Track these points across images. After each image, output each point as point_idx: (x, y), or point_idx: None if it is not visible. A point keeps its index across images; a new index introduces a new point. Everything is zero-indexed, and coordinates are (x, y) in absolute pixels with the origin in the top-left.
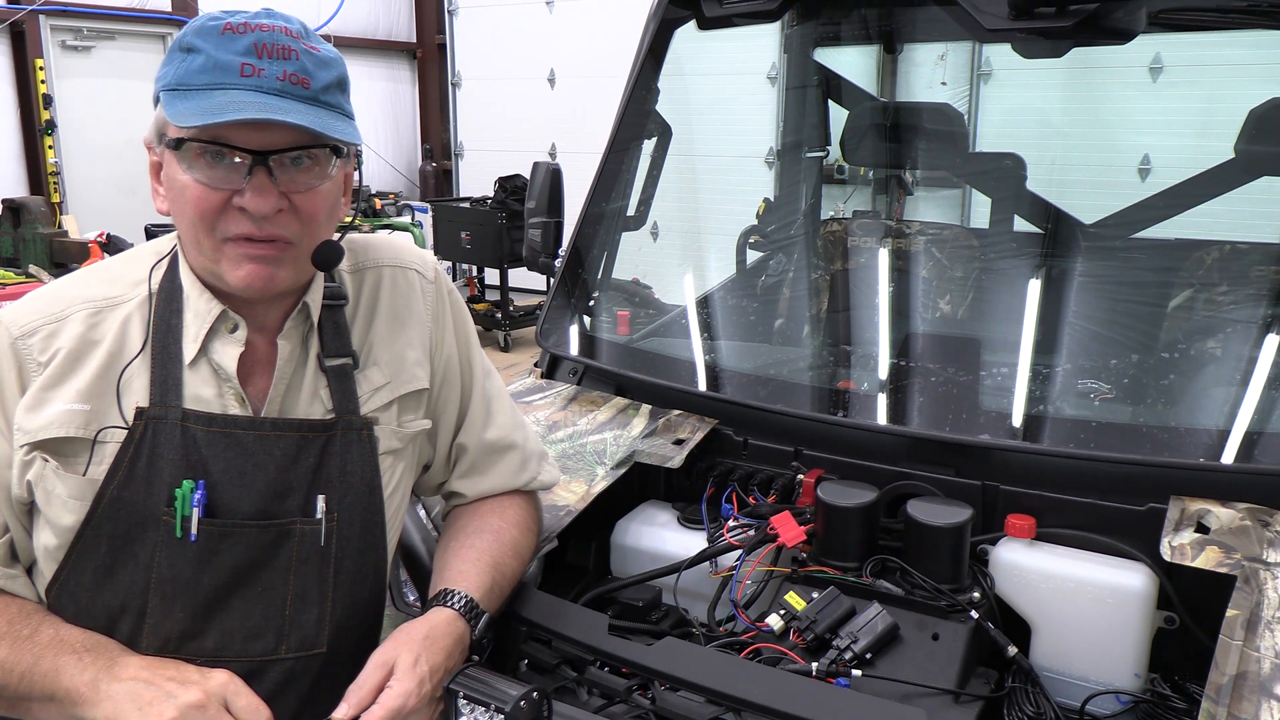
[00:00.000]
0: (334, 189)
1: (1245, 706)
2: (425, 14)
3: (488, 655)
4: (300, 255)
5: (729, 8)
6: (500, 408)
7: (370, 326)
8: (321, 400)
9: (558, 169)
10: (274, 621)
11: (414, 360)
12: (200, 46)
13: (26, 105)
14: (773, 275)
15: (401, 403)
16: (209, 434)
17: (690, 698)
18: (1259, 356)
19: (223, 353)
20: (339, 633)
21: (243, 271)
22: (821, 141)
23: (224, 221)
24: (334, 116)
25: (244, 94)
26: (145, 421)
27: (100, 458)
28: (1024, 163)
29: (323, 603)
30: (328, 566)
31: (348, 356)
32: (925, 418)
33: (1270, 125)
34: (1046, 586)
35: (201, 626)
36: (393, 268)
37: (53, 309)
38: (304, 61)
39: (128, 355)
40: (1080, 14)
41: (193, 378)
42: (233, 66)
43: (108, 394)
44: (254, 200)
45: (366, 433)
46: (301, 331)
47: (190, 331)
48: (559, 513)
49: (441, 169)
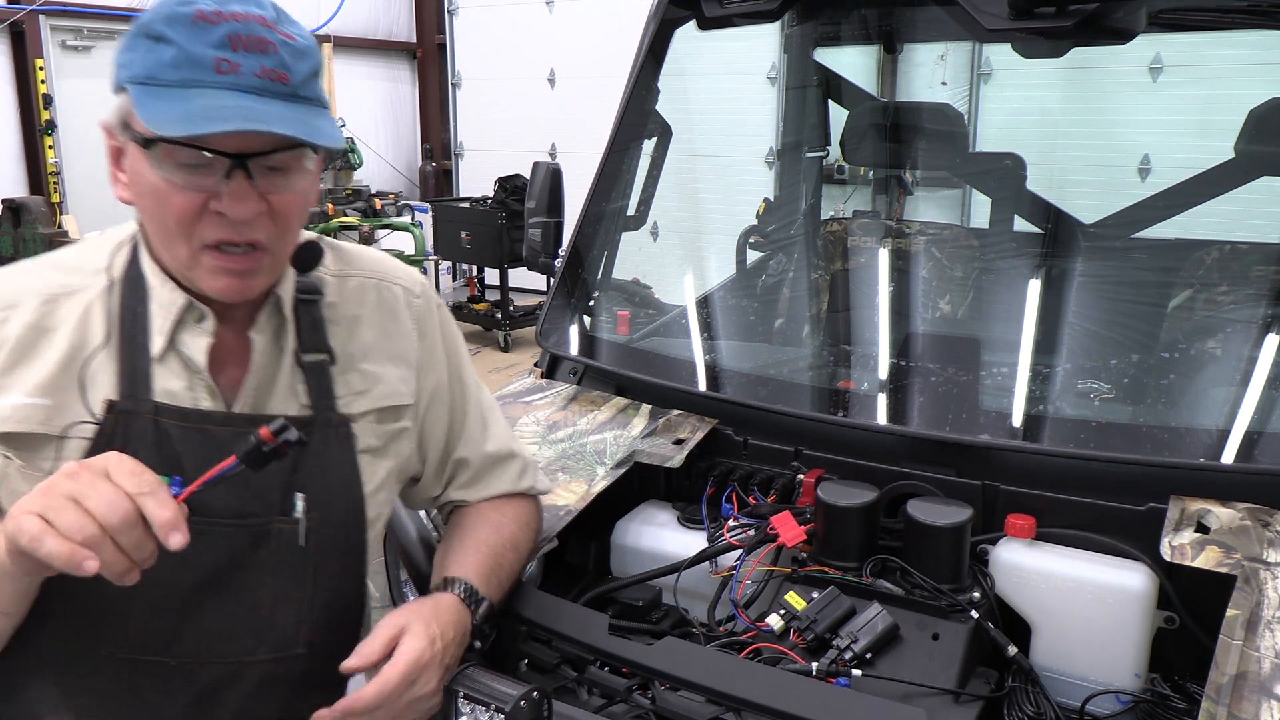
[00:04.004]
0: (310, 186)
1: (1245, 706)
2: (425, 14)
3: (490, 644)
4: (277, 260)
5: (729, 8)
6: (496, 419)
7: (352, 336)
8: (297, 396)
9: (558, 169)
10: (251, 623)
11: (398, 376)
12: (170, 36)
13: (26, 105)
14: (773, 275)
15: (380, 414)
16: (183, 429)
17: (690, 697)
18: (1259, 356)
19: (192, 344)
20: (318, 634)
21: (220, 283)
22: (821, 141)
23: (200, 228)
24: (315, 114)
25: (222, 95)
26: (115, 416)
27: (67, 454)
28: (1024, 163)
29: (301, 603)
30: (307, 566)
31: (325, 353)
32: (925, 418)
33: (1270, 125)
34: (1046, 586)
35: (177, 629)
36: (379, 280)
37: (1, 296)
38: (282, 55)
39: (91, 347)
40: (1080, 14)
41: (161, 371)
42: (207, 62)
43: (70, 388)
44: (233, 206)
45: (345, 430)
46: (274, 325)
47: (156, 323)
48: (559, 512)
49: (441, 169)
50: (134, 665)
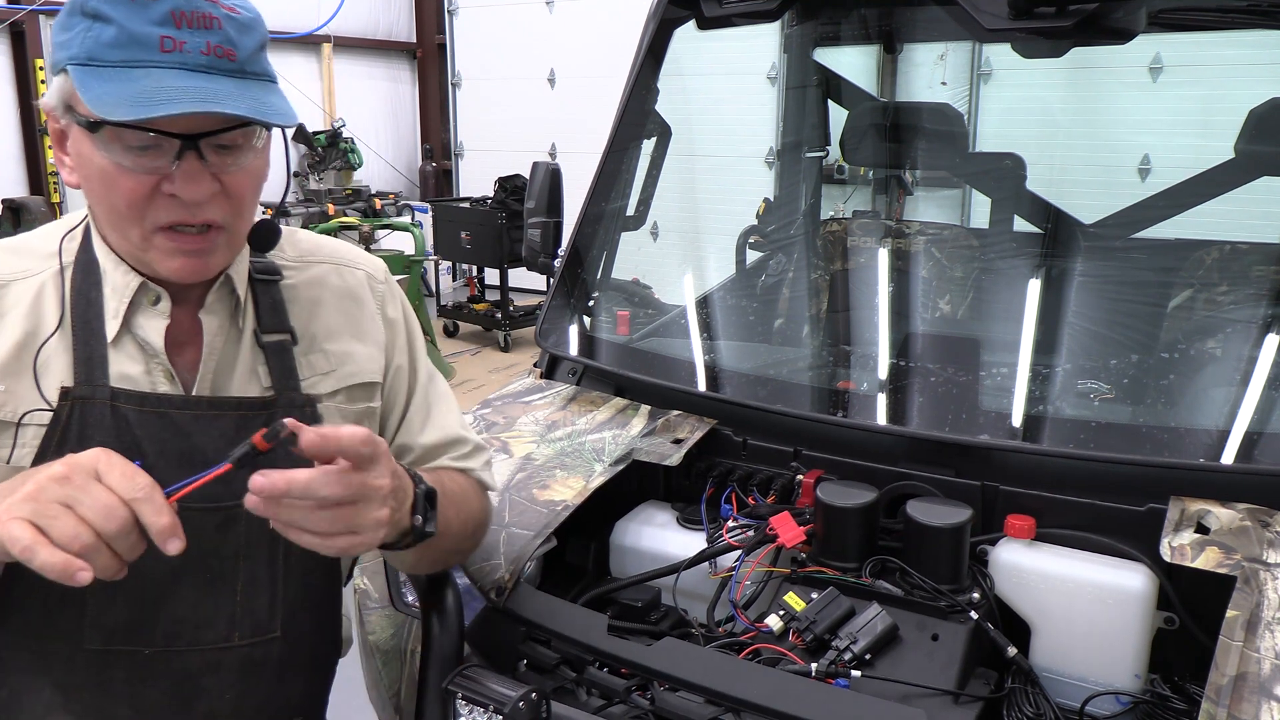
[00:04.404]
0: (262, 164)
1: (1245, 707)
2: (425, 14)
3: (433, 526)
4: (233, 238)
5: (729, 8)
6: (447, 408)
7: (314, 317)
8: (259, 377)
9: (557, 169)
10: (225, 608)
11: (366, 355)
12: (109, 15)
13: (26, 105)
14: (772, 275)
15: (349, 392)
16: (141, 414)
17: (689, 698)
18: (1259, 356)
19: (147, 327)
20: (293, 616)
21: (175, 264)
22: (821, 141)
23: (153, 210)
24: (265, 90)
25: (168, 74)
26: (72, 402)
27: (23, 441)
28: (1024, 163)
29: (274, 586)
30: (277, 549)
31: (285, 333)
32: (925, 418)
33: (1270, 125)
34: (1046, 587)
35: (148, 616)
36: (339, 265)
37: None
38: (227, 30)
39: (44, 333)
40: (1080, 14)
41: (117, 355)
42: (151, 40)
43: (24, 375)
44: (185, 187)
45: (310, 410)
46: (228, 306)
47: (110, 307)
48: (556, 508)
49: (441, 169)
50: (105, 657)
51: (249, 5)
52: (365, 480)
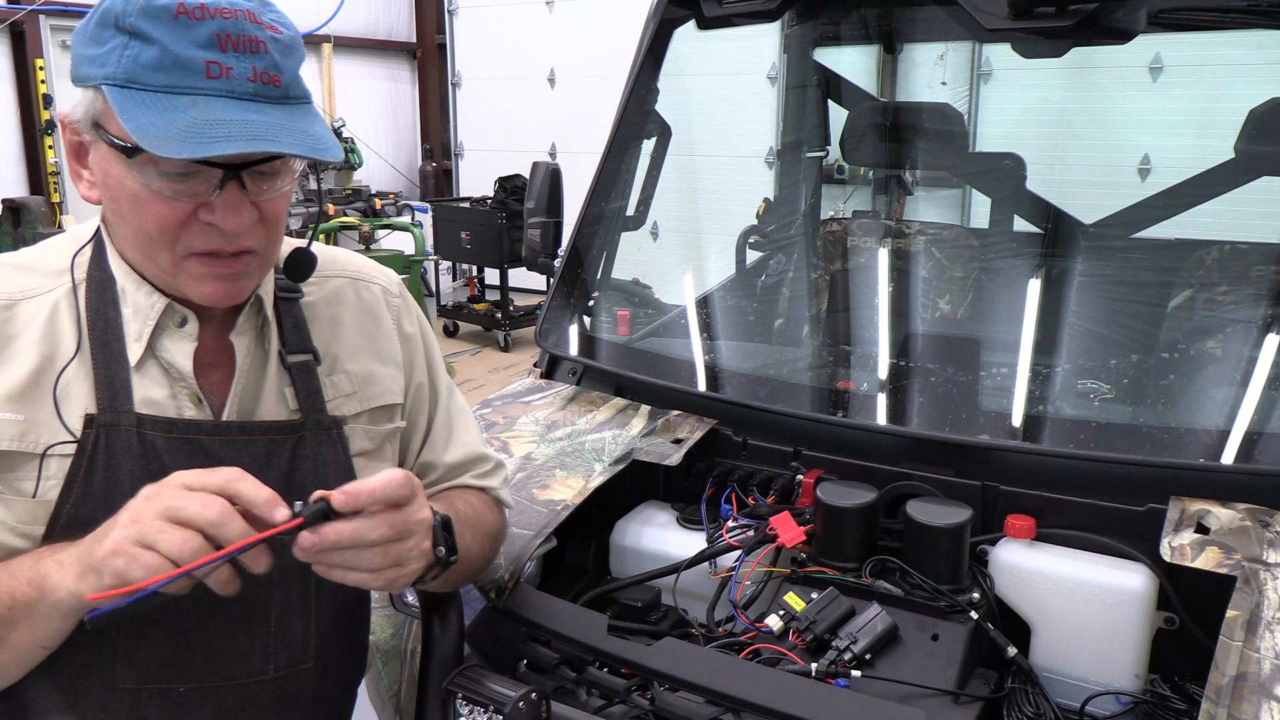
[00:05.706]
0: (292, 186)
1: (1245, 707)
2: (425, 14)
3: (454, 556)
4: (266, 263)
5: (728, 8)
6: (466, 425)
7: (335, 336)
8: (286, 400)
9: (557, 169)
10: (259, 639)
11: (388, 375)
12: (150, 34)
13: (26, 105)
14: (772, 275)
15: (372, 415)
16: (169, 441)
17: (689, 698)
18: (1259, 356)
19: (174, 350)
20: (325, 644)
21: (207, 289)
22: (821, 141)
23: (186, 236)
24: (309, 119)
25: (215, 104)
26: (97, 430)
27: (48, 474)
28: (1024, 163)
29: (307, 615)
30: (309, 576)
31: (309, 353)
32: (925, 418)
33: (1270, 125)
34: (1046, 587)
35: (182, 652)
36: (355, 279)
37: None
38: (272, 54)
39: (63, 357)
40: (1080, 14)
41: (140, 379)
42: (196, 65)
43: (44, 403)
44: (227, 218)
45: (336, 432)
46: (255, 326)
47: (132, 329)
48: (556, 507)
49: (441, 169)
50: (138, 695)
51: (287, 21)
52: (407, 517)
